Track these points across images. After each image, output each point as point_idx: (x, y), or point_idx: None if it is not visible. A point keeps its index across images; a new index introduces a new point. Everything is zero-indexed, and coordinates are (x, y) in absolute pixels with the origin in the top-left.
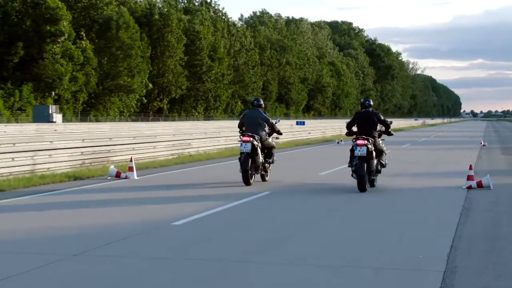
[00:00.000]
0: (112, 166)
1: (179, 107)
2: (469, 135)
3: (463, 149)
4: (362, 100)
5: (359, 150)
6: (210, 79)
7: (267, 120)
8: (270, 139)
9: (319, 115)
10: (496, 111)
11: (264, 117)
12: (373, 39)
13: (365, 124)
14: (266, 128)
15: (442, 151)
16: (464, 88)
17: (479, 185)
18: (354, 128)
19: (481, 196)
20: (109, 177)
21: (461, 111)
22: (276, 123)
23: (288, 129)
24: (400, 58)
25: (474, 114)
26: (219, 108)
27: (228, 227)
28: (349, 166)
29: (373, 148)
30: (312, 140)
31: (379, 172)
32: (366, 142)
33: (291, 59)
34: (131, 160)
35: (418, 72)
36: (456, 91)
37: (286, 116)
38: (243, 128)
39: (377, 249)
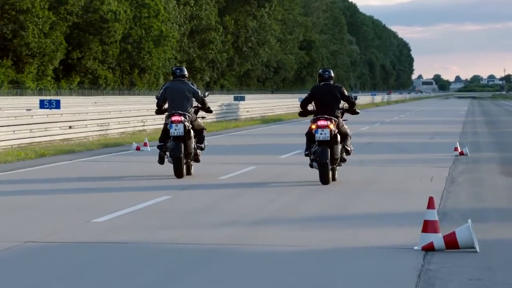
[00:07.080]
0: None
1: None
2: (431, 131)
3: (418, 162)
4: (320, 70)
5: (321, 133)
6: None
7: (196, 94)
8: (200, 119)
9: (93, 85)
10: (491, 78)
11: (193, 90)
12: None
13: (326, 101)
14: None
15: (371, 167)
16: (419, 25)
17: (451, 243)
18: (310, 107)
19: (453, 267)
20: None
21: (414, 77)
22: (204, 97)
23: (20, 120)
24: None
25: (441, 85)
26: None
27: None
28: (306, 155)
29: (336, 130)
30: (76, 142)
31: (344, 160)
32: (328, 123)
33: None
34: None
35: None
36: (402, 33)
37: (16, 86)
38: (165, 107)
39: None
